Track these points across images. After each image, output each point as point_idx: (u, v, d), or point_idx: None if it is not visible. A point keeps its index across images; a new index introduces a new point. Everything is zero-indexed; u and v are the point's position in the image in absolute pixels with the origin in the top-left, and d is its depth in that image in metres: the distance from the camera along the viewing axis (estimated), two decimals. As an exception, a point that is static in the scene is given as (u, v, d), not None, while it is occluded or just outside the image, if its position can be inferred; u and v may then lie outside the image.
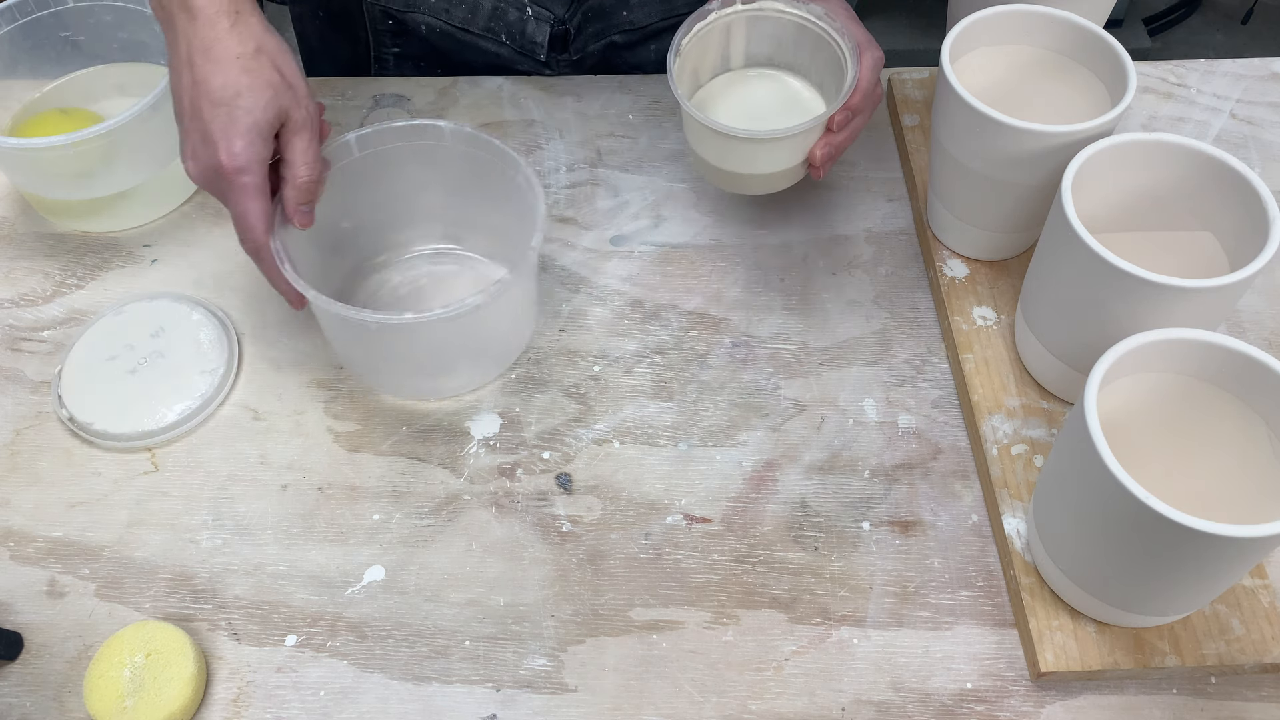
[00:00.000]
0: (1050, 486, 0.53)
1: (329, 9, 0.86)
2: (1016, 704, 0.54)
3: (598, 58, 0.85)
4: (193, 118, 0.57)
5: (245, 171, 0.57)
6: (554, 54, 0.83)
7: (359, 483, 0.62)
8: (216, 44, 0.57)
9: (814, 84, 0.69)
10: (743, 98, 0.69)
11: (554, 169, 0.77)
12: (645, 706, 0.54)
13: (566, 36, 0.82)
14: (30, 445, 0.64)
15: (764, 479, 0.62)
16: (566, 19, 0.81)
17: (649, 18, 0.83)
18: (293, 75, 0.59)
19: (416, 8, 0.81)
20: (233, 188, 0.57)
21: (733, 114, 0.68)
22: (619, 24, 0.83)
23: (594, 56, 0.85)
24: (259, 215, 0.58)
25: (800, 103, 0.69)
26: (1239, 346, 0.50)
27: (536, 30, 0.81)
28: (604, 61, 0.85)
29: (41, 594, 0.58)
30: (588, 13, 0.82)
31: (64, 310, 0.70)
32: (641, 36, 0.84)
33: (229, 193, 0.58)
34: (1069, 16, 0.64)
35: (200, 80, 0.57)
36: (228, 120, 0.56)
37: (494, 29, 0.81)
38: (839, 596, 0.58)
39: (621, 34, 0.83)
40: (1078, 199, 0.56)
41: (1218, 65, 0.83)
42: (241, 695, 0.55)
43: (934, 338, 0.68)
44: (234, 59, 0.56)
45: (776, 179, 0.65)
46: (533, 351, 0.67)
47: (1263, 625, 0.54)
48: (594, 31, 0.83)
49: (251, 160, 0.57)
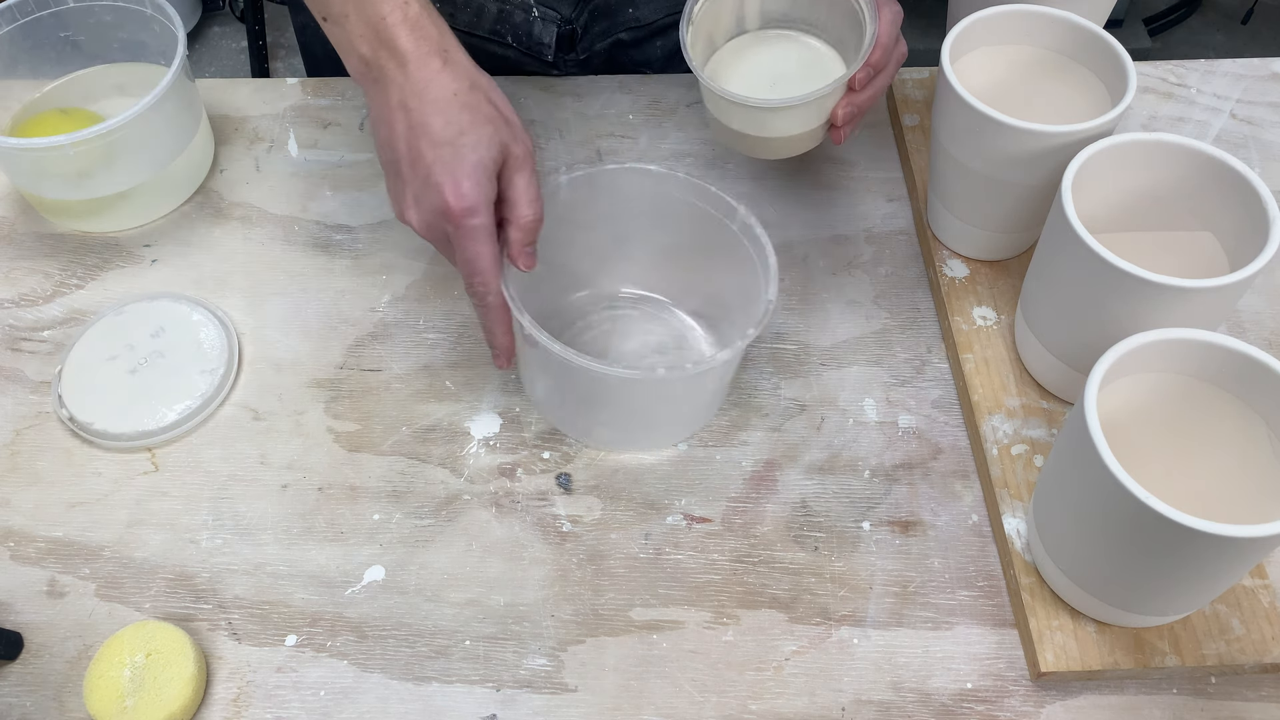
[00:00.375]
0: (1050, 486, 0.53)
1: None
2: (1016, 704, 0.54)
3: (604, 56, 0.85)
4: (412, 164, 0.54)
5: (474, 213, 0.53)
6: (561, 54, 0.83)
7: (359, 483, 0.62)
8: (431, 84, 0.54)
9: (832, 42, 0.67)
10: (760, 60, 0.67)
11: (554, 169, 0.77)
12: (645, 706, 0.54)
13: (574, 36, 0.82)
14: (30, 445, 0.64)
15: (764, 479, 0.62)
16: (573, 18, 0.81)
17: (655, 14, 0.83)
18: (508, 110, 0.56)
19: None
20: (461, 231, 0.54)
21: (750, 79, 0.66)
22: (625, 21, 0.83)
23: (601, 55, 0.85)
24: (490, 259, 0.55)
25: (820, 63, 0.67)
26: (1239, 346, 0.50)
27: (543, 31, 0.81)
28: (611, 59, 0.85)
29: (41, 594, 0.58)
30: (594, 11, 0.81)
31: (64, 310, 0.70)
32: (648, 33, 0.84)
33: (457, 238, 0.54)
34: (1069, 16, 0.64)
35: (418, 124, 0.54)
36: (453, 160, 0.53)
37: (500, 31, 0.81)
38: (839, 596, 0.58)
39: (628, 31, 0.83)
40: (1078, 199, 0.56)
41: (1218, 65, 0.83)
42: (241, 695, 0.55)
43: (934, 338, 0.68)
44: (452, 96, 0.54)
45: (797, 142, 0.64)
46: (533, 351, 0.67)
47: (1263, 625, 0.54)
48: (601, 30, 0.83)
49: (479, 201, 0.53)
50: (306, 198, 0.75)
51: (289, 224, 0.74)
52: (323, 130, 0.79)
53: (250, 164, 0.77)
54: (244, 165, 0.77)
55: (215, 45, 2.18)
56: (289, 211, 0.75)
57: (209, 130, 0.77)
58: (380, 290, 0.70)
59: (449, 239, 0.56)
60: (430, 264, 0.72)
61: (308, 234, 0.73)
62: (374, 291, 0.70)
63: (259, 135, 0.79)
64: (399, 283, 0.71)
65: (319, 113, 0.80)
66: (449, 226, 0.55)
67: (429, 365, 0.67)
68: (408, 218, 0.56)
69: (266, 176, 0.77)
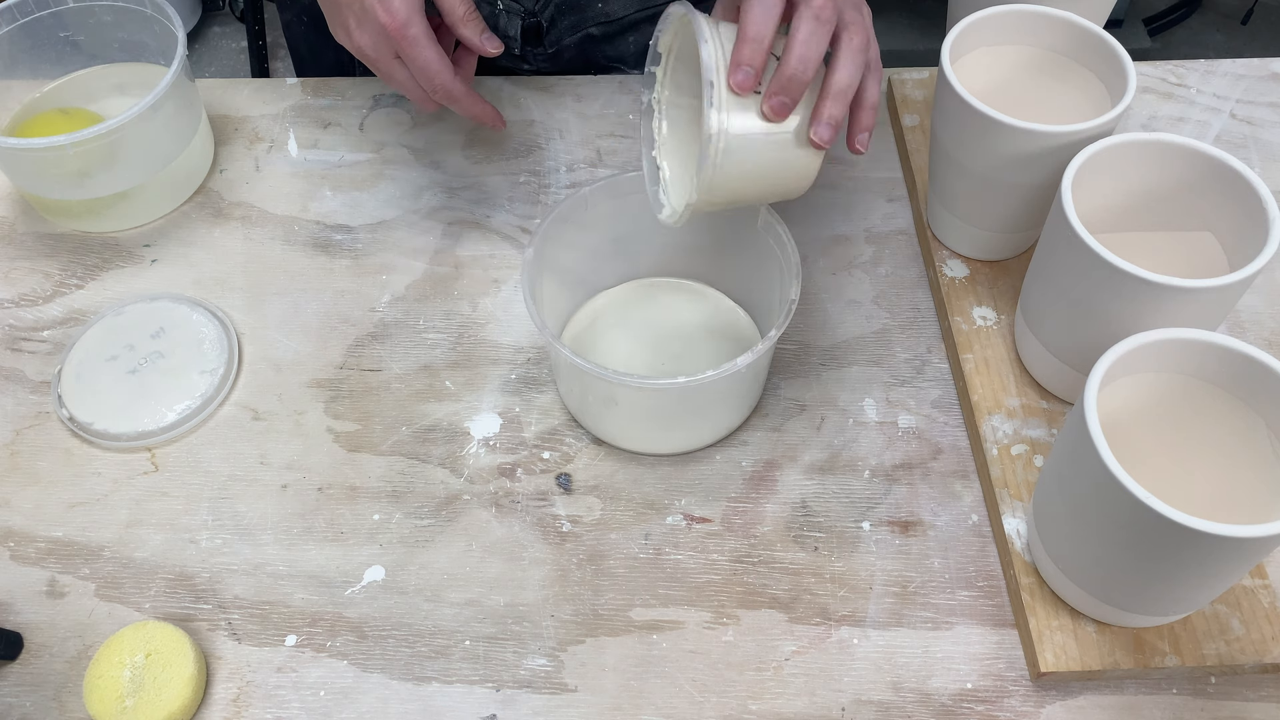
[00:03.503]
0: (1050, 486, 0.53)
1: (312, 14, 0.86)
2: (1016, 704, 0.54)
3: (575, 50, 0.85)
4: None
5: (409, 24, 0.59)
6: (529, 48, 0.83)
7: (359, 483, 0.62)
8: None
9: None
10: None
11: (554, 169, 0.77)
12: (645, 706, 0.54)
13: (540, 29, 0.82)
14: (30, 445, 0.64)
15: (764, 479, 0.62)
16: (537, 11, 0.81)
17: (625, 9, 0.83)
18: None
19: None
20: (403, 43, 0.59)
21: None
22: (595, 16, 0.83)
23: (571, 49, 0.84)
24: (436, 59, 0.60)
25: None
26: (1239, 346, 0.50)
27: (509, 24, 0.81)
28: (582, 54, 0.85)
29: (41, 594, 0.58)
30: (561, 5, 0.81)
31: (64, 310, 0.70)
32: (619, 28, 0.84)
33: (403, 50, 0.59)
34: (1069, 16, 0.64)
35: None
36: None
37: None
38: (839, 596, 0.58)
39: (598, 26, 0.83)
40: (1078, 199, 0.56)
41: (1218, 65, 0.83)
42: (241, 695, 0.55)
43: (934, 338, 0.68)
44: None
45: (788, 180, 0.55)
46: (533, 351, 0.67)
47: (1263, 625, 0.54)
48: (569, 24, 0.83)
49: (409, 12, 0.58)
50: (306, 198, 0.75)
51: (289, 224, 0.74)
52: (323, 130, 0.79)
53: (250, 164, 0.77)
54: (244, 165, 0.77)
55: (215, 45, 2.18)
56: (289, 211, 0.75)
57: (209, 130, 0.77)
58: (380, 290, 0.70)
59: (397, 56, 0.61)
60: (430, 264, 0.72)
61: (308, 234, 0.73)
62: (374, 291, 0.70)
63: (259, 135, 0.79)
64: (399, 283, 0.71)
65: (319, 113, 0.80)
66: (391, 43, 0.60)
67: (429, 365, 0.67)
68: (355, 41, 0.61)
69: (266, 176, 0.77)
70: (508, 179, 0.76)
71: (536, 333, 0.68)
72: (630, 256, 0.68)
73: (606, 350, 0.66)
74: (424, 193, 0.76)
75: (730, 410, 0.62)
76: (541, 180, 0.76)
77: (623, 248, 0.67)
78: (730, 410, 0.62)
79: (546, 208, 0.74)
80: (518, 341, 0.68)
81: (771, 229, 0.60)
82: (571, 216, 0.62)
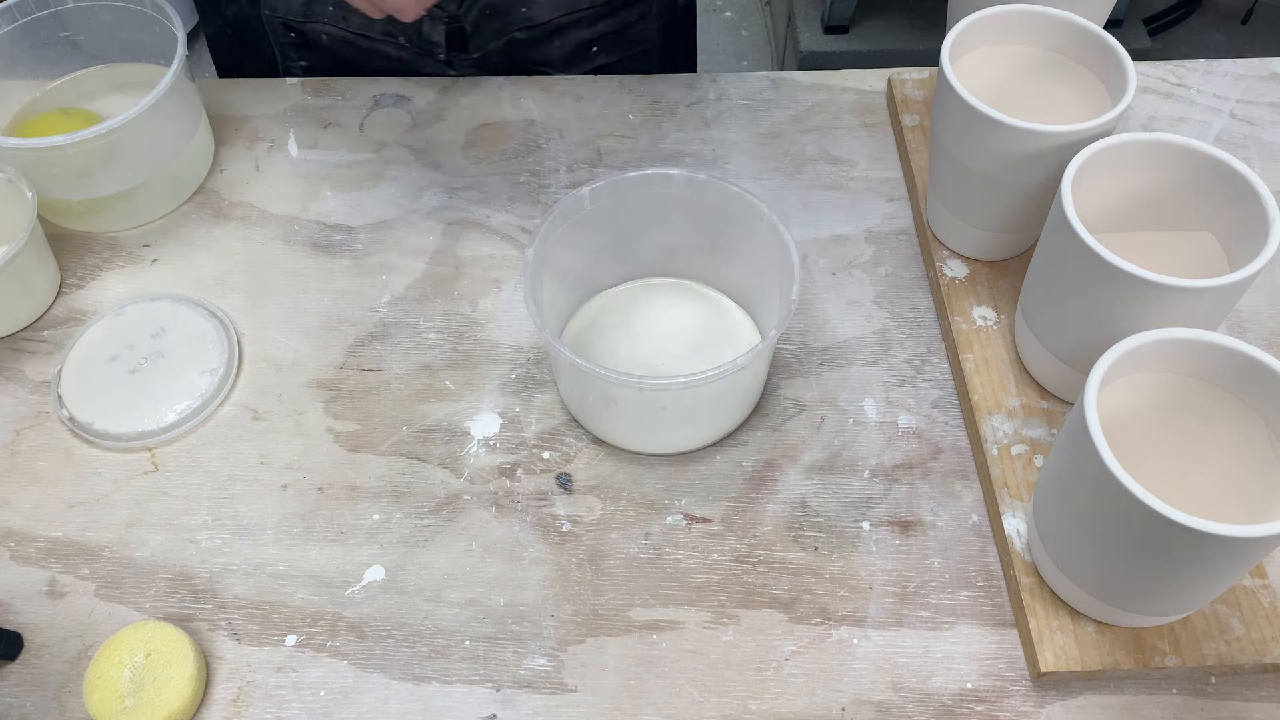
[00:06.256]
0: (1050, 486, 0.53)
1: (235, 27, 0.86)
2: (1016, 704, 0.54)
3: (501, 55, 0.84)
4: None
5: None
6: (455, 53, 0.83)
7: (359, 483, 0.62)
8: None
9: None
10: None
11: (554, 169, 0.77)
12: (645, 706, 0.54)
13: (464, 34, 0.82)
14: (30, 445, 0.64)
15: (764, 479, 0.62)
16: (460, 15, 0.81)
17: (550, 13, 0.83)
18: None
19: (314, 17, 0.81)
20: None
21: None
22: (519, 20, 0.83)
23: (497, 54, 0.84)
24: None
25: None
26: (1239, 346, 0.50)
27: (432, 29, 0.81)
28: (508, 58, 0.85)
29: (41, 594, 0.58)
30: (485, 10, 0.81)
31: (64, 310, 0.70)
32: (544, 33, 0.84)
33: None
34: (1069, 16, 0.64)
35: None
36: None
37: (391, 32, 0.81)
38: (839, 596, 0.58)
39: (523, 30, 0.83)
40: (1078, 199, 0.56)
41: (1218, 65, 0.83)
42: (241, 695, 0.55)
43: (934, 338, 0.68)
44: None
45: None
46: (533, 351, 0.67)
47: (1263, 625, 0.54)
48: (494, 29, 0.83)
49: None
50: (306, 198, 0.75)
51: (289, 224, 0.74)
52: (323, 130, 0.79)
53: (250, 164, 0.77)
54: (244, 165, 0.77)
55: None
56: (289, 211, 0.75)
57: (209, 130, 0.77)
58: (380, 290, 0.70)
59: None
60: (430, 264, 0.72)
61: (308, 234, 0.73)
62: (374, 291, 0.70)
63: (259, 135, 0.79)
64: (399, 283, 0.71)
65: (319, 113, 0.80)
66: None
67: (429, 365, 0.67)
68: None
69: (266, 176, 0.77)
70: (508, 179, 0.76)
71: (536, 333, 0.68)
72: (630, 256, 0.68)
73: (606, 350, 0.66)
74: (424, 193, 0.76)
75: (730, 410, 0.62)
76: (541, 180, 0.76)
77: (623, 248, 0.67)
78: (730, 410, 0.62)
79: (546, 208, 0.74)
80: (518, 341, 0.68)
81: (772, 229, 0.60)
82: (571, 216, 0.62)
